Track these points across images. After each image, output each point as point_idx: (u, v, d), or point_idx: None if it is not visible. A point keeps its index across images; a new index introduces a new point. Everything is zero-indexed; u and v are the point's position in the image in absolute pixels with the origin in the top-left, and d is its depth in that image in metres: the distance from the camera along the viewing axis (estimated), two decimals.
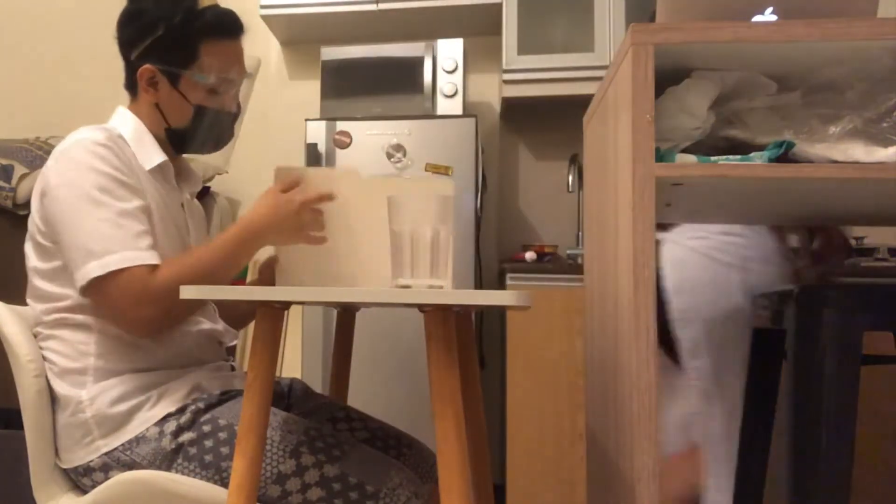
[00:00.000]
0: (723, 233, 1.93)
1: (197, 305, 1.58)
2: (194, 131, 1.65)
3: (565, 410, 2.91)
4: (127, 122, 1.63)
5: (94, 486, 1.50)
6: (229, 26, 1.65)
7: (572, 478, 2.90)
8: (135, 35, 1.62)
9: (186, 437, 1.47)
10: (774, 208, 1.59)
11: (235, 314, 1.82)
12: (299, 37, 3.73)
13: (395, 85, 3.27)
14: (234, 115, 1.71)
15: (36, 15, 4.07)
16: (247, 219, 1.53)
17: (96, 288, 1.45)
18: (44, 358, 1.54)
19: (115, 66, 1.67)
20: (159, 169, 1.61)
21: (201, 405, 1.51)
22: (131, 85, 1.67)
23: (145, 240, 1.48)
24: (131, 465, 1.48)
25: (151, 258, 1.46)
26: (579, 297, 2.93)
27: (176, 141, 1.65)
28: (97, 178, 1.47)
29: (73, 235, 1.46)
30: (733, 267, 1.89)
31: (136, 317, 1.45)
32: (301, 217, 1.51)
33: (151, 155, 1.60)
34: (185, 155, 1.73)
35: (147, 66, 1.60)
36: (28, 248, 1.57)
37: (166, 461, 1.47)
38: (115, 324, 1.50)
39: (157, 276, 1.44)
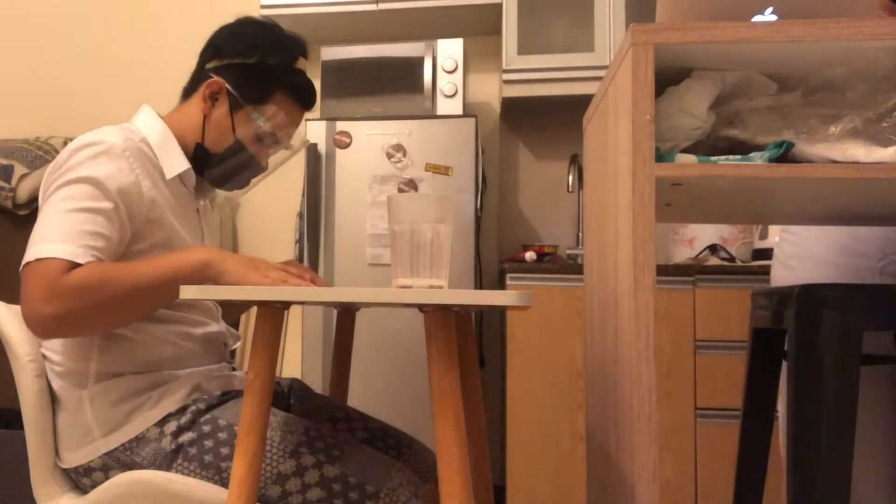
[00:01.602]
0: (783, 230, 1.95)
1: (114, 318, 1.45)
2: (220, 161, 1.66)
3: (565, 410, 2.91)
4: (153, 126, 1.63)
5: (94, 486, 1.51)
6: (307, 96, 1.69)
7: (572, 478, 2.90)
8: (226, 49, 1.64)
9: (186, 437, 1.48)
10: (774, 208, 1.59)
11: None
12: None
13: (396, 85, 3.27)
14: (259, 170, 1.73)
15: (37, 16, 4.07)
16: (182, 251, 1.48)
17: (22, 276, 1.40)
18: (45, 357, 1.54)
19: (117, 67, 1.68)
20: (179, 176, 1.62)
21: (201, 405, 1.51)
22: (191, 89, 1.68)
23: (90, 239, 1.41)
24: (131, 466, 1.48)
25: (81, 256, 1.39)
26: (579, 296, 2.93)
27: (199, 159, 1.65)
28: (83, 173, 1.45)
29: (37, 222, 1.45)
30: (782, 265, 1.91)
31: (35, 311, 1.36)
32: (255, 262, 1.43)
33: (175, 162, 1.60)
34: None
35: (219, 79, 1.62)
36: None
37: (166, 461, 1.47)
38: (23, 316, 1.41)
39: (71, 274, 1.37)
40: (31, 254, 1.40)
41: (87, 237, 1.41)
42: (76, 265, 1.39)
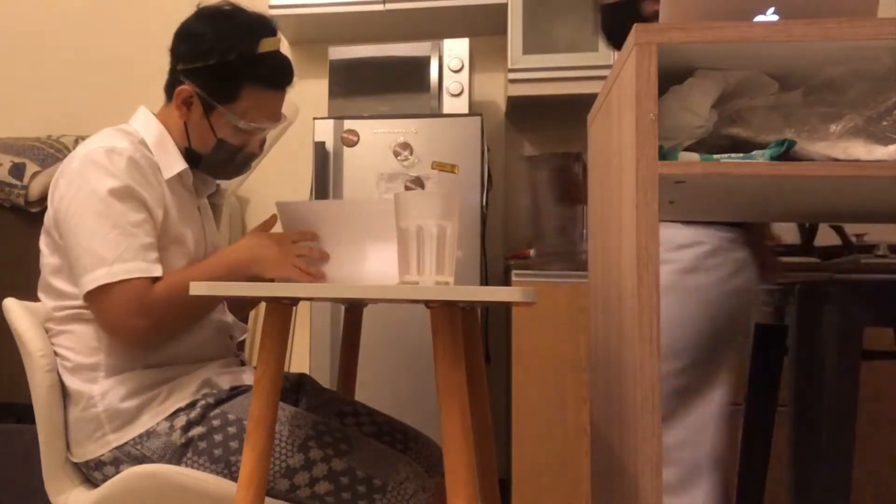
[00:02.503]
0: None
1: (189, 321, 1.59)
2: (211, 160, 1.68)
3: (570, 405, 2.92)
4: (150, 127, 1.65)
5: (104, 480, 1.52)
6: (277, 79, 1.66)
7: (577, 472, 2.91)
8: (187, 54, 1.63)
9: (196, 431, 1.49)
10: (776, 206, 1.60)
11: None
12: (307, 36, 3.75)
13: (402, 84, 3.28)
14: (255, 154, 1.73)
15: (47, 14, 4.09)
16: (228, 250, 1.57)
17: (100, 293, 1.47)
18: (56, 353, 1.55)
19: (126, 66, 1.69)
20: (178, 176, 1.63)
21: (211, 400, 1.53)
22: (168, 89, 1.68)
23: (152, 252, 1.51)
24: (141, 459, 1.49)
25: (156, 271, 1.49)
26: (584, 293, 2.94)
27: (192, 161, 1.67)
28: (114, 187, 1.48)
29: (84, 239, 1.48)
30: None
31: (130, 326, 1.48)
32: (283, 249, 1.49)
33: (173, 163, 1.62)
34: None
35: (186, 86, 1.61)
36: (43, 244, 1.58)
37: (176, 455, 1.48)
38: (106, 330, 1.51)
39: (155, 289, 1.48)
40: (104, 275, 1.46)
41: (149, 250, 1.50)
42: (153, 280, 1.48)
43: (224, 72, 1.60)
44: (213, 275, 1.50)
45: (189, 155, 1.66)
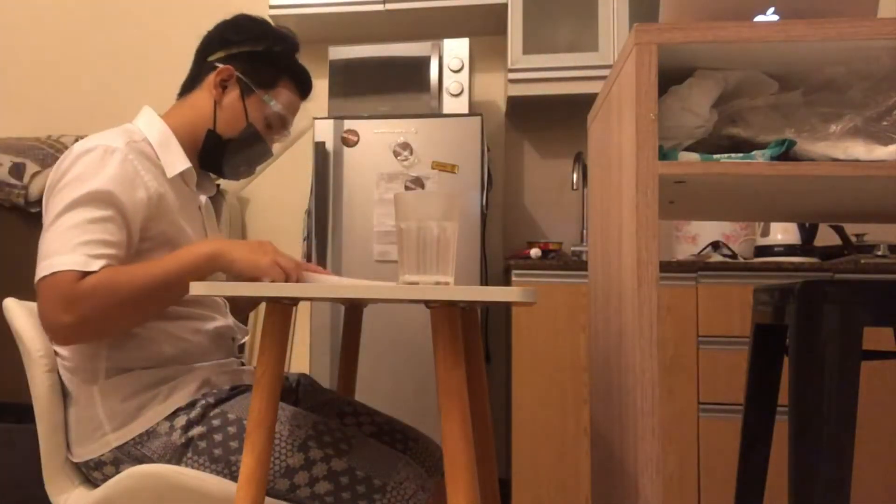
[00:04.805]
0: None
1: (129, 319, 1.48)
2: (234, 145, 1.69)
3: (570, 405, 2.93)
4: (154, 126, 1.65)
5: (105, 480, 1.51)
6: (307, 85, 1.78)
7: (577, 472, 2.91)
8: (235, 38, 1.69)
9: (196, 431, 1.49)
10: (775, 206, 1.60)
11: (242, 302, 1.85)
12: (307, 36, 3.75)
13: (402, 84, 3.29)
14: (268, 155, 1.76)
15: (47, 15, 4.09)
16: (211, 240, 1.50)
17: (38, 289, 1.43)
18: (56, 353, 1.55)
19: (128, 66, 1.69)
20: (180, 175, 1.63)
21: (211, 400, 1.53)
22: (193, 82, 1.71)
23: (101, 248, 1.43)
24: (142, 459, 1.49)
25: (93, 265, 1.41)
26: (583, 293, 2.94)
27: (210, 146, 1.67)
28: (90, 186, 1.46)
29: (45, 235, 1.47)
30: None
31: (53, 322, 1.40)
32: (260, 246, 1.43)
33: (176, 161, 1.62)
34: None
35: (229, 66, 1.67)
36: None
37: (176, 455, 1.48)
38: (42, 328, 1.46)
39: (83, 282, 1.39)
40: (43, 268, 1.42)
41: (95, 246, 1.43)
42: (88, 273, 1.41)
43: (269, 59, 1.70)
44: (167, 270, 1.43)
45: (208, 140, 1.67)
